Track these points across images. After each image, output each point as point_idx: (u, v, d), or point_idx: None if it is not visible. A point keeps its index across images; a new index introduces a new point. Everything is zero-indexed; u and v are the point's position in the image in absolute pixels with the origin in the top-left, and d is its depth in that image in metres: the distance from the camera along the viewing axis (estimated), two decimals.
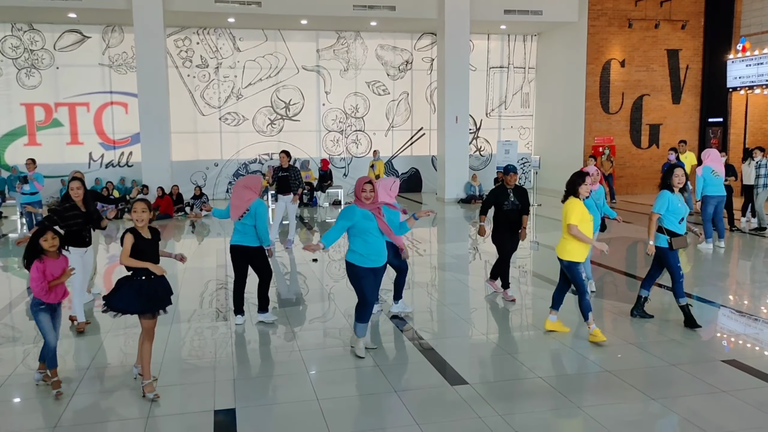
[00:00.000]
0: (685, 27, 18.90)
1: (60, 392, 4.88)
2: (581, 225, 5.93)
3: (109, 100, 18.54)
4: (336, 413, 4.58)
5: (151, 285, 4.83)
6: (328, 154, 20.05)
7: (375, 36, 19.96)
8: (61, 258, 5.05)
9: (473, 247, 11.83)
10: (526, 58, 21.25)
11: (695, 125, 19.59)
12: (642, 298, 6.76)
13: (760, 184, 11.78)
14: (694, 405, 4.66)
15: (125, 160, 18.80)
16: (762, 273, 9.41)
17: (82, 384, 5.16)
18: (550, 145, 20.70)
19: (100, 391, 5.10)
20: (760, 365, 5.38)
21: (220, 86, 19.14)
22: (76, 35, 18.12)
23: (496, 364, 5.66)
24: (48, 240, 4.93)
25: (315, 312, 7.38)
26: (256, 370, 5.53)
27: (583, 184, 5.96)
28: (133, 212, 4.85)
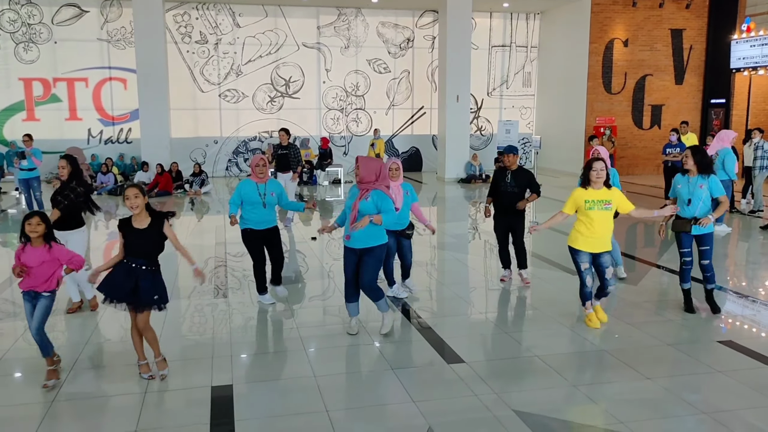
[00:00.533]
0: (689, 6, 18.69)
1: (46, 384, 4.62)
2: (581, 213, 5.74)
3: (107, 76, 18.40)
4: (332, 390, 4.61)
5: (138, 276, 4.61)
6: (328, 133, 19.96)
7: (376, 13, 19.76)
8: (42, 248, 4.62)
9: (473, 227, 11.82)
10: (529, 36, 21.06)
11: (698, 106, 19.47)
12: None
13: (758, 166, 11.75)
14: (689, 384, 4.68)
15: (124, 137, 18.72)
16: (758, 255, 9.42)
17: (80, 360, 5.18)
18: (552, 126, 20.60)
19: (98, 366, 5.12)
20: (755, 346, 5.40)
21: (220, 63, 18.99)
22: (75, 9, 17.93)
23: (494, 343, 5.68)
24: (31, 224, 4.56)
25: (314, 290, 7.40)
26: (253, 347, 5.55)
27: (592, 171, 5.68)
28: (125, 200, 4.60)
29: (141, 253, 4.66)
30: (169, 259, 8.27)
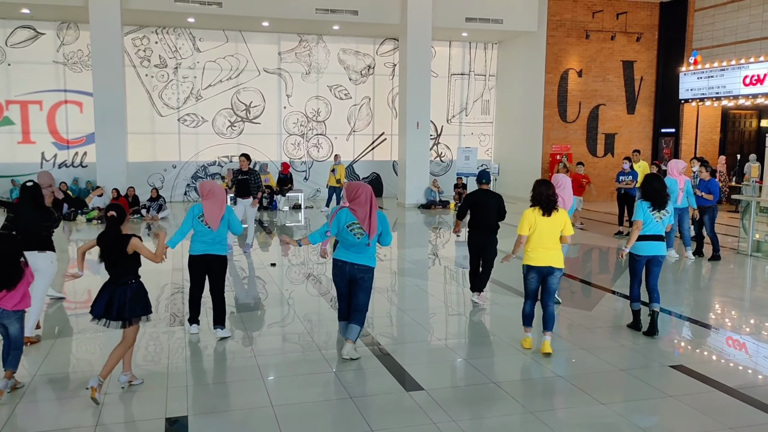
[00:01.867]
0: (639, 39, 19.42)
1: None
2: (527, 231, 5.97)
3: (63, 99, 18.07)
4: (290, 419, 4.55)
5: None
6: (288, 158, 19.93)
7: (337, 40, 19.95)
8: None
9: (433, 253, 11.90)
10: (487, 65, 21.53)
11: (649, 135, 20.12)
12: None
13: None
14: (642, 409, 4.77)
15: (79, 161, 18.35)
16: (713, 281, 9.71)
17: (28, 391, 5.01)
18: (510, 152, 20.99)
19: (48, 399, 4.95)
20: (705, 370, 5.55)
21: (179, 87, 18.86)
22: (30, 31, 17.62)
23: (453, 370, 5.70)
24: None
25: (273, 317, 7.33)
26: (210, 377, 5.46)
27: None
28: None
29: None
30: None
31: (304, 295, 8.35)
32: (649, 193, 6.50)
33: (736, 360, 6.03)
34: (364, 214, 5.61)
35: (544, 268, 5.90)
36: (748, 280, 9.65)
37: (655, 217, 6.44)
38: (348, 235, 5.63)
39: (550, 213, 5.89)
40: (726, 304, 8.22)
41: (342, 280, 5.80)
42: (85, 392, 4.89)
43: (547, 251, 5.88)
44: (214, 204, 6.26)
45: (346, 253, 5.72)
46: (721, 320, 7.42)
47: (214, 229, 6.21)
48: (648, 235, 6.47)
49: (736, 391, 5.09)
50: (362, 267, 5.71)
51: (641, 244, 6.51)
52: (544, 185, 5.98)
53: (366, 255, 5.71)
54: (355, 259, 5.69)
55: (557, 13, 18.77)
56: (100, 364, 5.26)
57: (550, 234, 5.88)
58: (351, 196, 5.71)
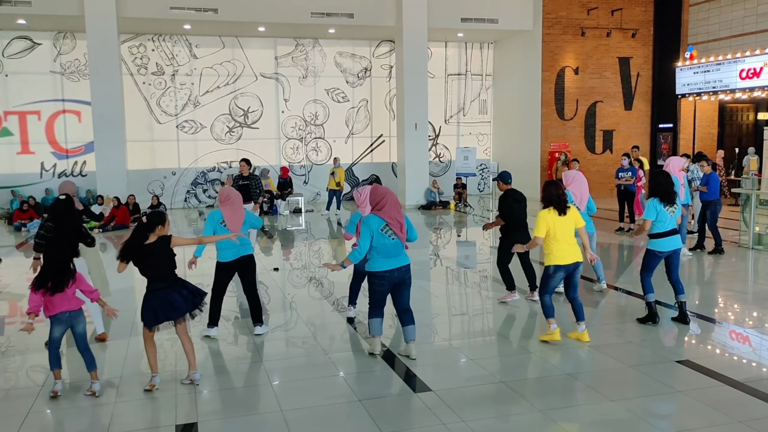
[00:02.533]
0: (635, 35, 19.46)
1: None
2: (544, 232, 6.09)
3: (61, 108, 18.08)
4: (300, 424, 4.56)
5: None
6: (287, 162, 19.94)
7: (333, 43, 19.97)
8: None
9: (434, 254, 11.91)
10: (483, 65, 21.56)
11: (647, 131, 20.15)
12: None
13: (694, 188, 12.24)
14: (651, 405, 4.78)
15: (79, 170, 18.35)
16: (715, 275, 9.72)
17: (36, 403, 5.01)
18: (508, 151, 21.01)
19: (58, 408, 4.96)
20: (712, 365, 5.56)
21: (177, 94, 18.86)
22: (26, 42, 17.64)
23: (459, 369, 5.71)
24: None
25: (277, 321, 7.33)
26: (218, 383, 5.46)
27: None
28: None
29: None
30: (128, 294, 8.13)
31: (306, 299, 8.36)
32: (657, 189, 6.62)
33: (741, 353, 6.04)
34: (395, 219, 5.56)
35: (571, 265, 6.10)
36: (750, 274, 9.67)
37: (669, 211, 6.57)
38: (384, 238, 5.54)
39: (565, 212, 6.05)
40: (729, 297, 8.23)
41: (388, 289, 5.72)
42: (95, 400, 4.89)
43: (571, 248, 6.08)
44: (233, 209, 6.43)
45: (387, 261, 5.60)
46: (724, 314, 7.43)
47: (237, 232, 6.35)
48: (666, 231, 6.59)
49: (743, 385, 5.10)
50: (407, 267, 5.74)
51: (662, 241, 6.62)
52: (554, 186, 6.14)
53: (404, 254, 5.75)
54: (399, 262, 5.66)
55: (552, 11, 18.81)
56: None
57: (569, 231, 6.08)
58: (376, 204, 5.60)
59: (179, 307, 5.12)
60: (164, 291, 5.07)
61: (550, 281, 6.15)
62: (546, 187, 6.13)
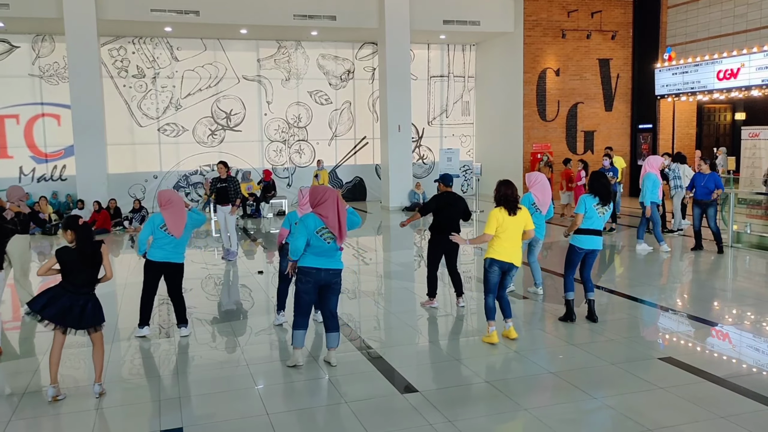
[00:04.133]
0: (614, 37, 19.66)
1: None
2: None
3: (40, 112, 17.85)
4: (287, 426, 4.55)
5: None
6: (271, 165, 19.87)
7: (316, 45, 19.95)
8: None
9: (418, 255, 11.94)
10: (466, 67, 21.65)
11: (627, 131, 20.36)
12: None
13: (672, 187, 12.42)
14: (633, 402, 4.84)
15: (59, 174, 18.14)
16: (695, 273, 9.85)
17: (18, 407, 4.95)
18: (491, 152, 21.12)
19: (43, 414, 4.89)
20: (693, 361, 5.64)
21: (158, 97, 18.72)
22: (4, 45, 17.40)
23: (444, 370, 5.73)
24: None
25: (260, 324, 7.29)
26: (202, 387, 5.42)
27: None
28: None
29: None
30: (110, 298, 8.05)
31: (290, 302, 8.31)
32: (598, 189, 6.75)
33: (722, 350, 6.13)
34: (334, 219, 5.38)
35: (506, 264, 6.17)
36: (729, 271, 9.80)
37: (598, 211, 6.71)
38: (319, 241, 5.40)
39: (515, 212, 6.10)
40: (709, 295, 8.34)
41: (313, 288, 5.52)
42: (79, 407, 4.84)
43: (512, 248, 6.14)
44: (175, 213, 6.41)
45: (317, 259, 5.46)
46: (705, 311, 7.53)
47: (177, 237, 6.37)
48: (590, 229, 6.73)
49: (724, 381, 5.17)
50: (336, 271, 5.57)
51: (583, 238, 6.76)
52: (505, 186, 6.19)
53: (337, 258, 5.56)
54: (329, 264, 5.49)
55: (533, 13, 18.94)
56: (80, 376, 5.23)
57: (513, 232, 6.13)
58: (316, 201, 5.43)
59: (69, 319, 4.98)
60: (72, 294, 4.97)
61: (487, 276, 6.22)
62: (499, 187, 6.21)
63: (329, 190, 5.51)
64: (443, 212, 7.43)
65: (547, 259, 10.38)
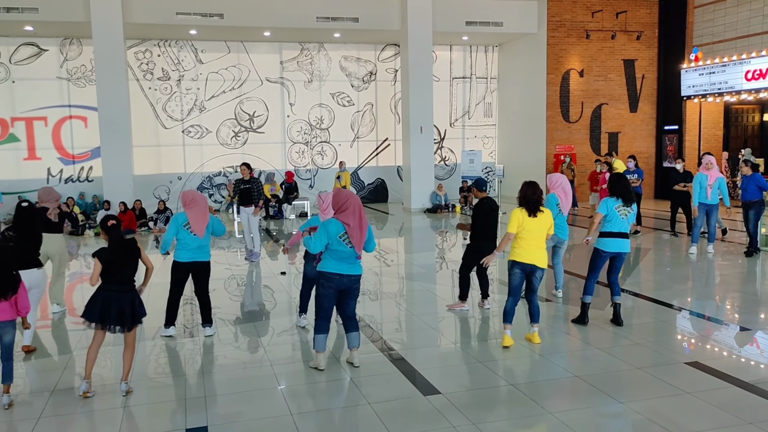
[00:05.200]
0: (640, 38, 19.44)
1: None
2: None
3: (67, 114, 18.17)
4: (311, 427, 4.57)
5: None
6: (293, 166, 19.98)
7: (338, 47, 20.03)
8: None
9: (440, 257, 11.91)
10: (488, 68, 21.57)
11: (652, 133, 20.12)
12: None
13: None
14: (660, 407, 4.78)
15: (85, 175, 18.44)
16: (723, 276, 9.69)
17: (49, 404, 5.04)
18: (513, 154, 21.01)
19: (68, 411, 4.98)
20: (720, 366, 5.55)
21: (183, 99, 18.95)
22: (33, 48, 17.75)
23: (467, 372, 5.71)
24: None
25: (283, 325, 7.34)
26: (227, 387, 5.47)
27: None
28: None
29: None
30: None
31: (313, 303, 8.35)
32: (618, 191, 6.68)
33: (749, 355, 6.03)
34: (356, 228, 5.40)
35: (528, 266, 6.13)
36: (757, 275, 9.64)
37: (621, 213, 6.61)
38: (341, 245, 5.43)
39: (536, 214, 6.07)
40: (737, 299, 8.20)
41: (334, 293, 5.56)
42: (102, 406, 4.92)
43: (534, 250, 6.10)
44: (198, 212, 6.54)
45: (339, 265, 5.48)
46: (732, 315, 7.41)
47: (200, 236, 6.52)
48: (614, 232, 6.63)
49: (751, 386, 5.09)
50: (357, 277, 5.60)
51: (608, 241, 6.67)
52: (529, 188, 6.17)
53: (357, 264, 5.59)
54: (350, 270, 5.52)
55: (557, 13, 18.82)
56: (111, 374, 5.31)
57: (535, 234, 6.09)
58: (339, 207, 5.48)
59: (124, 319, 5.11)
60: (118, 294, 5.10)
61: (510, 279, 6.20)
62: (522, 187, 6.22)
63: (351, 196, 5.54)
64: (482, 219, 7.39)
65: (571, 262, 10.30)
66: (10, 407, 4.94)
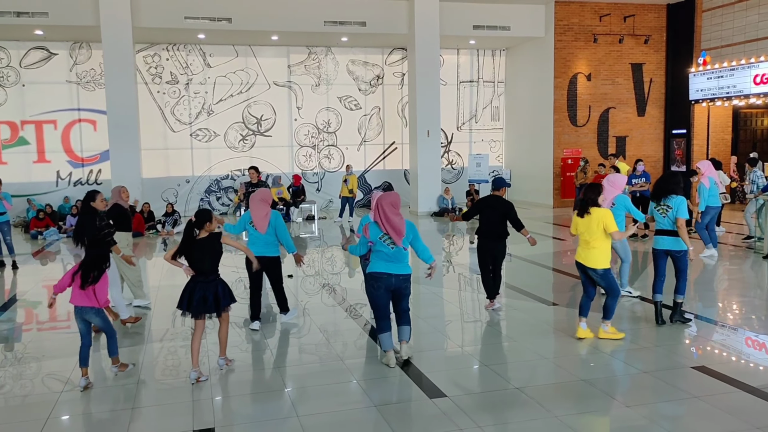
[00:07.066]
0: (648, 41, 19.40)
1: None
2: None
3: (77, 118, 18.30)
4: (316, 429, 4.58)
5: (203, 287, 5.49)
6: (300, 170, 20.04)
7: (346, 51, 20.08)
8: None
9: (447, 260, 11.91)
10: (495, 72, 21.58)
11: (660, 137, 20.06)
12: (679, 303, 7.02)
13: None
14: (668, 411, 4.76)
15: (94, 178, 18.54)
16: (730, 281, 9.65)
17: (53, 413, 5.08)
18: (521, 158, 21.00)
19: (76, 414, 5.01)
20: (727, 371, 5.53)
21: (191, 102, 19.04)
22: (43, 52, 17.89)
23: (474, 375, 5.71)
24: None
25: (291, 328, 7.36)
26: (234, 388, 5.49)
27: (600, 195, 6.42)
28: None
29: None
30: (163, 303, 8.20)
31: (320, 306, 8.39)
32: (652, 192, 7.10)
33: (757, 359, 6.00)
34: (381, 224, 5.65)
35: (580, 265, 6.45)
36: (766, 280, 9.58)
37: (660, 211, 6.87)
38: (383, 246, 5.66)
39: (582, 215, 6.35)
40: (744, 303, 8.16)
41: (384, 293, 5.72)
42: (115, 407, 4.94)
43: (582, 249, 6.39)
44: (259, 208, 6.95)
45: (386, 265, 5.68)
46: (740, 320, 7.38)
47: (261, 232, 6.89)
48: (657, 230, 6.99)
49: (760, 391, 5.06)
50: (405, 276, 5.76)
51: (655, 238, 7.04)
52: (585, 189, 6.53)
53: (404, 263, 5.77)
54: (397, 269, 5.70)
55: (564, 17, 18.81)
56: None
57: (584, 234, 6.34)
58: (372, 208, 5.87)
59: (208, 306, 5.49)
60: (203, 283, 5.45)
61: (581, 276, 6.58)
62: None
63: (378, 195, 5.80)
64: (482, 215, 7.56)
65: None
66: (86, 389, 5.33)
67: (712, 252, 10.83)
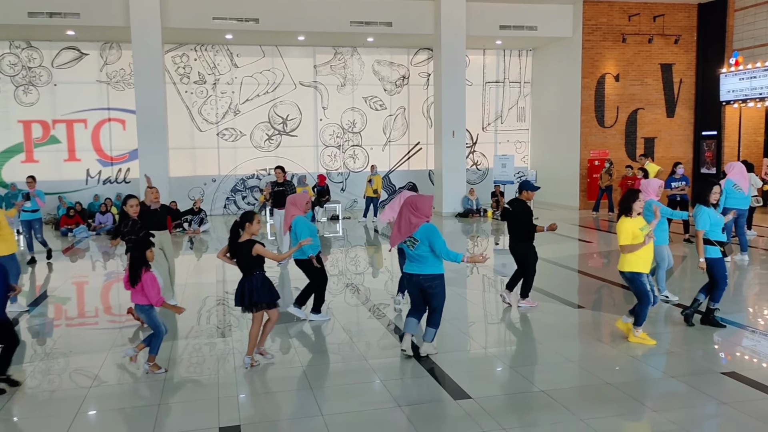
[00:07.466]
0: (678, 41, 19.10)
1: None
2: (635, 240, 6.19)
3: (106, 117, 18.59)
4: (342, 428, 4.60)
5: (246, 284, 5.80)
6: (325, 169, 20.11)
7: (371, 51, 20.11)
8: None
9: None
10: (522, 72, 21.43)
11: (689, 138, 19.74)
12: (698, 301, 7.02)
13: None
14: (697, 417, 4.69)
15: (123, 177, 18.82)
16: (761, 285, 9.46)
17: (82, 408, 5.16)
18: (546, 159, 20.82)
19: (103, 410, 5.09)
20: (758, 377, 5.42)
21: (218, 102, 19.23)
22: (74, 52, 18.21)
23: (498, 377, 5.68)
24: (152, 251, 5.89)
25: (314, 327, 7.39)
26: (259, 387, 5.54)
27: (637, 201, 6.28)
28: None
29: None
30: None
31: (344, 306, 8.40)
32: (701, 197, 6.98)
33: None
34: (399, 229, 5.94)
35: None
36: None
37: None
38: (405, 247, 5.96)
39: (617, 219, 6.47)
40: None
41: (415, 290, 6.04)
42: (142, 403, 5.00)
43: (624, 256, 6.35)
44: (286, 210, 7.35)
45: (410, 266, 5.98)
46: None
47: (283, 234, 7.03)
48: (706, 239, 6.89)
49: None
50: (427, 276, 5.90)
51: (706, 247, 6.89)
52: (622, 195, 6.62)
53: (428, 264, 5.89)
54: (421, 269, 5.89)
55: (592, 17, 18.60)
56: None
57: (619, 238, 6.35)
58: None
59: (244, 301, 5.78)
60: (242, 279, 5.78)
61: None
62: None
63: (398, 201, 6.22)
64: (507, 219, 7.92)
65: (603, 269, 10.15)
66: (132, 360, 5.84)
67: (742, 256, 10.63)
